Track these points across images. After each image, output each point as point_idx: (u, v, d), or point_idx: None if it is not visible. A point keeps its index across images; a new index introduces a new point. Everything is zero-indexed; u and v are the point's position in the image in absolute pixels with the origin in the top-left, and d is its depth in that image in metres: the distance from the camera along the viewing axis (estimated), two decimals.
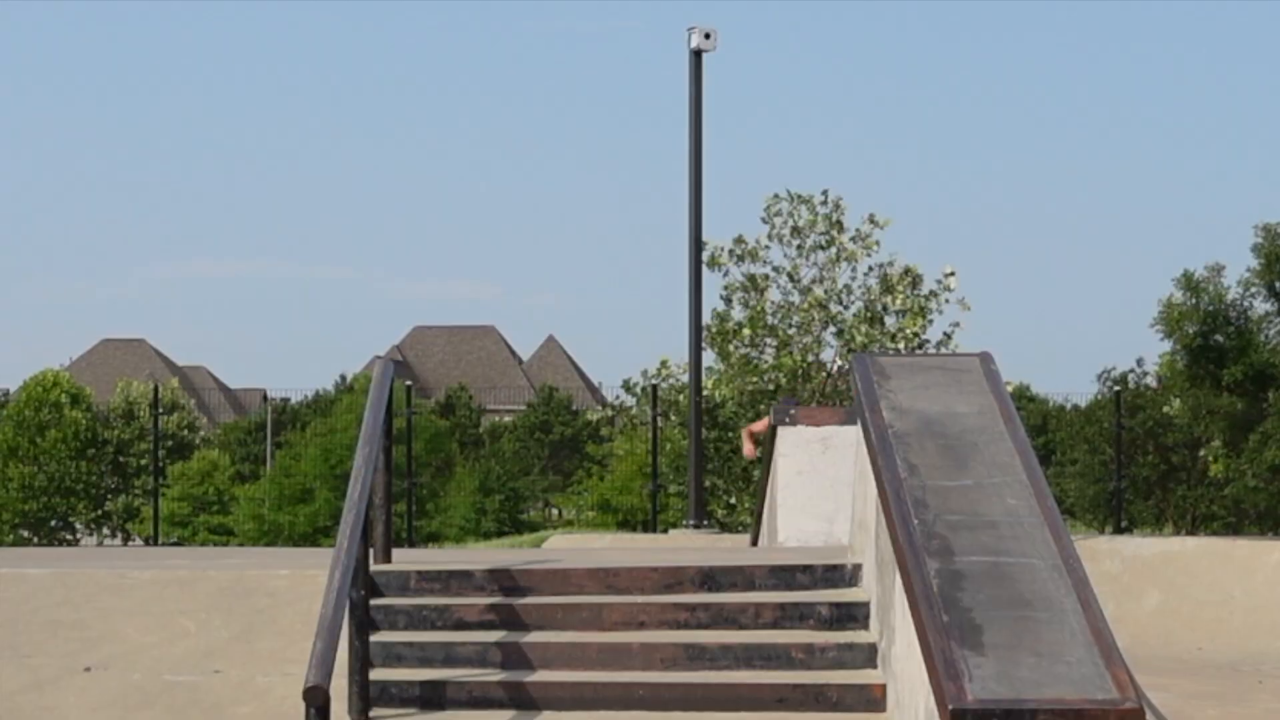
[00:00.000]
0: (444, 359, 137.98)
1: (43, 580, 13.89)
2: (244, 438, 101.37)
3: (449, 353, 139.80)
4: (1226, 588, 27.53)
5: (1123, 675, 9.62)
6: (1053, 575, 10.63)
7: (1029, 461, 12.04)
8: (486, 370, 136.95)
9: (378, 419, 12.85)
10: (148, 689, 12.16)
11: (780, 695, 11.79)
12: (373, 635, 12.09)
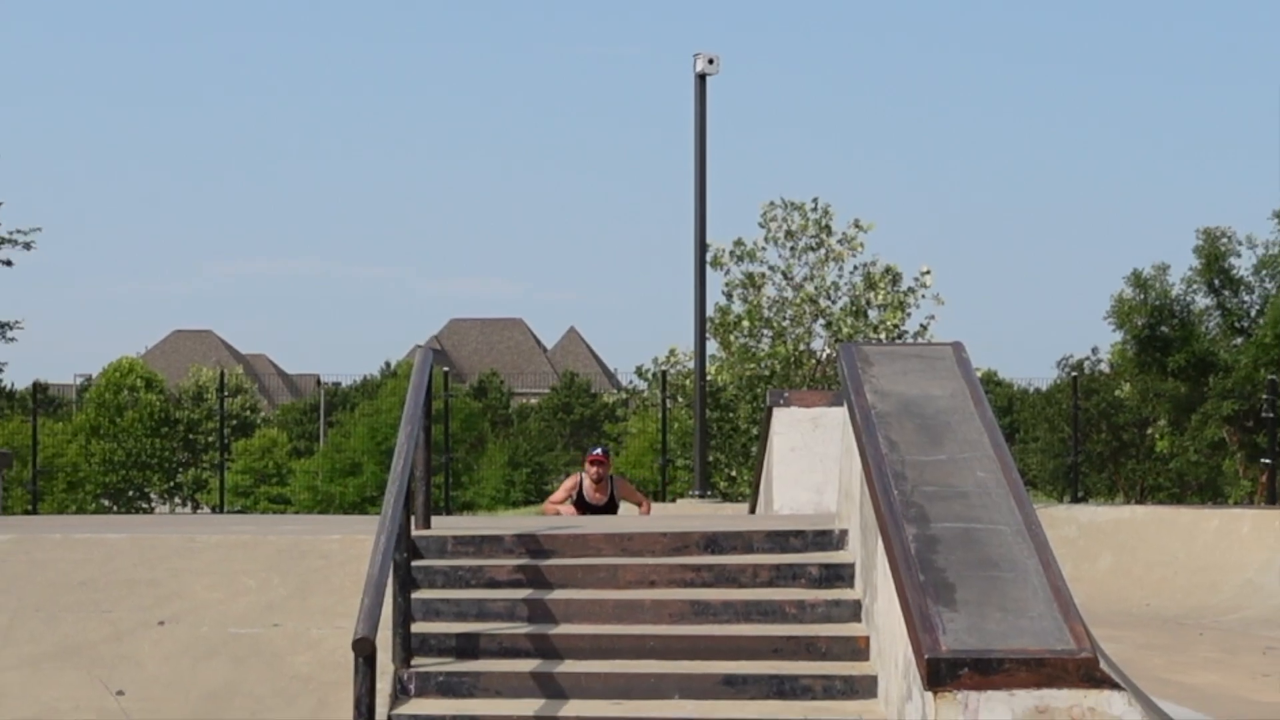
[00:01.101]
0: (477, 348, 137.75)
1: (121, 544, 13.88)
2: (300, 418, 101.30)
3: (481, 342, 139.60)
4: (1171, 551, 27.51)
5: (1079, 628, 9.60)
6: (1017, 539, 10.62)
7: (996, 439, 12.02)
8: (515, 358, 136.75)
9: (418, 401, 12.85)
10: (214, 640, 12.15)
11: (775, 646, 11.78)
12: (414, 593, 12.08)
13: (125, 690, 11.62)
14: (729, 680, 11.38)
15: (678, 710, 11.08)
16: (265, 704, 11.39)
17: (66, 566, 13.40)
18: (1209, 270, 48.88)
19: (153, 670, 11.82)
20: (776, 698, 11.28)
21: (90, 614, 12.58)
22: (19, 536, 14.25)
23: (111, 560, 13.48)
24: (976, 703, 9.21)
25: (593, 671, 11.47)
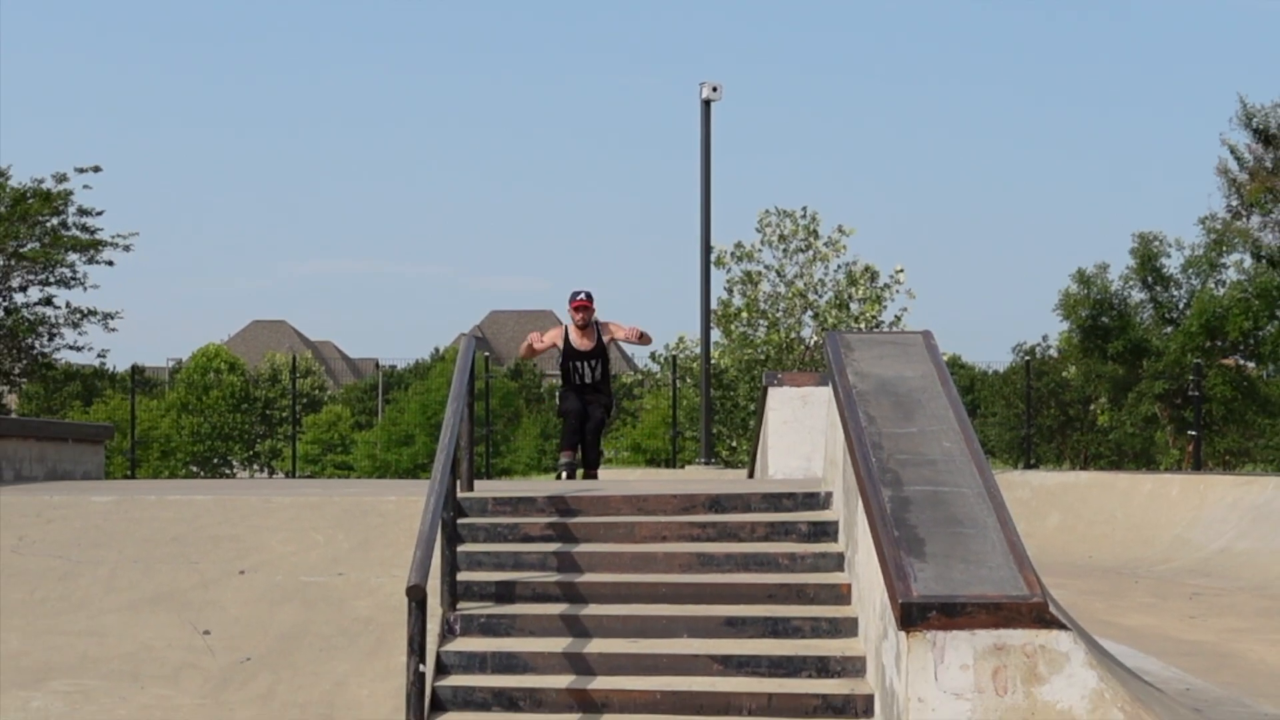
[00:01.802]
0: (513, 335, 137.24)
1: (207, 504, 13.88)
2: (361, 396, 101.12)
3: (517, 330, 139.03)
4: (1110, 510, 27.51)
5: (1031, 577, 9.59)
6: (978, 501, 10.60)
7: (960, 414, 12.01)
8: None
9: (463, 381, 12.85)
10: (287, 587, 12.16)
11: (770, 592, 11.77)
12: (459, 546, 12.08)
13: (211, 630, 11.63)
14: (730, 621, 11.38)
15: (686, 647, 11.07)
16: (331, 642, 11.40)
17: (160, 524, 13.41)
18: (1143, 269, 48.83)
19: (234, 613, 11.83)
20: (771, 636, 11.28)
21: (180, 565, 12.59)
22: (120, 498, 14.27)
23: (199, 518, 13.49)
24: (943, 641, 9.21)
25: (613, 614, 11.47)
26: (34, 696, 10.95)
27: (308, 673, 11.06)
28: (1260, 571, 21.77)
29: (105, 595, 12.19)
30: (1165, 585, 21.62)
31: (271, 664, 11.19)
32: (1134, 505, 27.39)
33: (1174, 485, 27.67)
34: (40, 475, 18.75)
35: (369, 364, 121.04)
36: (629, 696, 10.56)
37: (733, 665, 10.91)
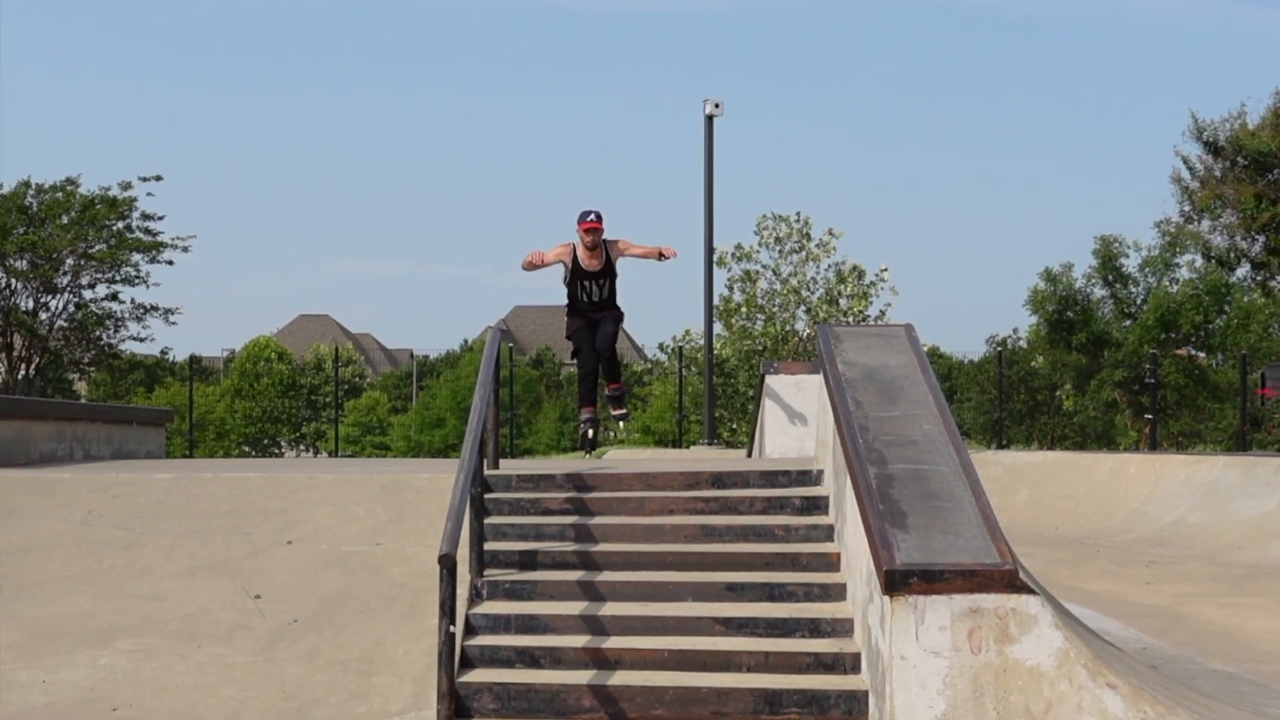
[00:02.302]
0: (535, 328, 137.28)
1: (258, 481, 13.89)
2: (397, 383, 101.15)
3: (539, 324, 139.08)
4: (1074, 486, 27.48)
5: (1003, 547, 9.58)
6: (955, 477, 10.59)
7: (938, 399, 12.00)
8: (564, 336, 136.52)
9: (489, 369, 12.85)
10: (330, 556, 12.16)
11: (767, 560, 11.76)
12: (486, 519, 12.07)
13: (261, 595, 11.64)
14: (731, 587, 11.37)
15: (691, 610, 11.07)
16: (370, 606, 11.41)
17: (215, 499, 13.42)
18: (1104, 268, 48.83)
19: (283, 579, 11.84)
20: (768, 600, 11.28)
21: (234, 536, 12.59)
22: (179, 476, 14.28)
23: (250, 494, 13.50)
24: (923, 604, 9.20)
25: (625, 580, 11.47)
26: (102, 655, 10.97)
27: (349, 633, 11.07)
28: (1210, 542, 21.76)
29: (166, 563, 12.20)
30: (1124, 554, 21.61)
31: (316, 625, 11.20)
32: (1096, 482, 27.39)
33: (1132, 464, 27.67)
34: (107, 455, 18.77)
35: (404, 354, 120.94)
36: (639, 655, 10.57)
37: (733, 626, 10.91)
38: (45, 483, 14.00)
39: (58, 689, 10.58)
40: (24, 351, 41.03)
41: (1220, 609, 16.37)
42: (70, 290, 41.30)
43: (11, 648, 11.11)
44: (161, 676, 10.68)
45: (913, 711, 9.03)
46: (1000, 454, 32.46)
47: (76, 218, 39.85)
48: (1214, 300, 47.26)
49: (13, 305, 40.39)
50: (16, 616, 11.52)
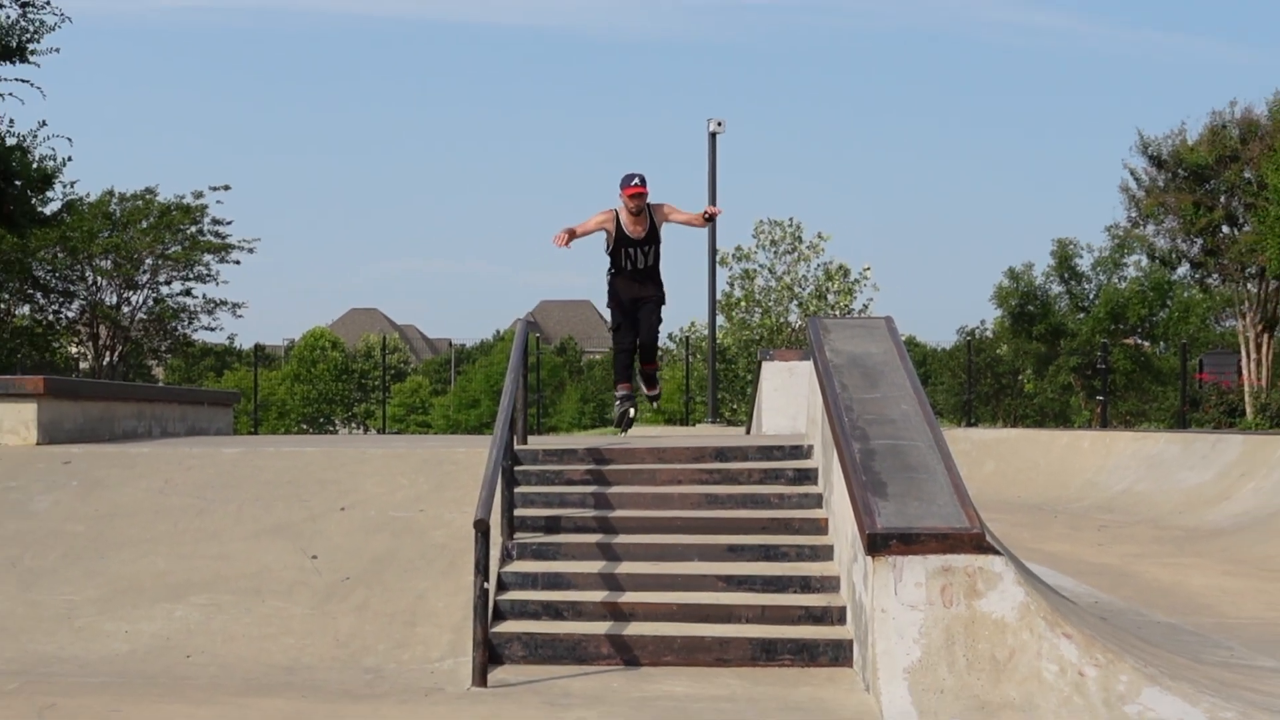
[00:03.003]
0: (560, 320, 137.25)
1: (315, 455, 13.89)
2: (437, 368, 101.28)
3: (562, 316, 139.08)
4: (1034, 459, 27.49)
5: (972, 513, 9.57)
6: (929, 452, 10.57)
7: (915, 383, 11.98)
8: (584, 326, 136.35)
9: (519, 356, 12.84)
10: (379, 520, 12.16)
11: (763, 525, 11.76)
12: (516, 488, 12.07)
13: (317, 555, 11.64)
14: (731, 548, 11.36)
15: (696, 569, 11.06)
16: (414, 564, 11.40)
17: (277, 470, 13.42)
18: (1061, 267, 48.96)
19: (337, 541, 11.84)
20: (764, 560, 11.27)
21: (293, 503, 12.60)
22: (245, 450, 14.28)
23: (308, 466, 13.50)
24: (901, 564, 9.19)
25: (638, 542, 11.47)
26: (177, 608, 10.97)
27: (395, 588, 11.06)
28: (1154, 508, 21.75)
29: (233, 527, 12.21)
30: (1078, 519, 21.59)
31: (366, 581, 11.20)
32: (1053, 456, 27.38)
33: (1085, 440, 27.67)
34: (182, 432, 18.78)
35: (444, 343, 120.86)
36: (651, 608, 10.56)
37: (734, 583, 10.90)
38: (128, 456, 14.01)
39: (138, 638, 10.59)
40: (109, 340, 41.12)
41: (1163, 568, 16.35)
42: (149, 287, 41.39)
43: (98, 601, 11.12)
44: (229, 627, 10.69)
45: (892, 659, 9.02)
46: (969, 431, 32.47)
47: (155, 223, 39.92)
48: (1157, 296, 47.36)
49: (99, 300, 40.52)
50: (102, 574, 11.53)
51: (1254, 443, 22.19)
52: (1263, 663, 10.55)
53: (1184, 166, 41.15)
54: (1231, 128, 40.91)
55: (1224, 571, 16.02)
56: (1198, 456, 23.15)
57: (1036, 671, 8.88)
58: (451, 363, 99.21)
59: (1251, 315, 41.20)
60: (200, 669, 10.05)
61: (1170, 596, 14.29)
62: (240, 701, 9.09)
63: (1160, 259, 44.48)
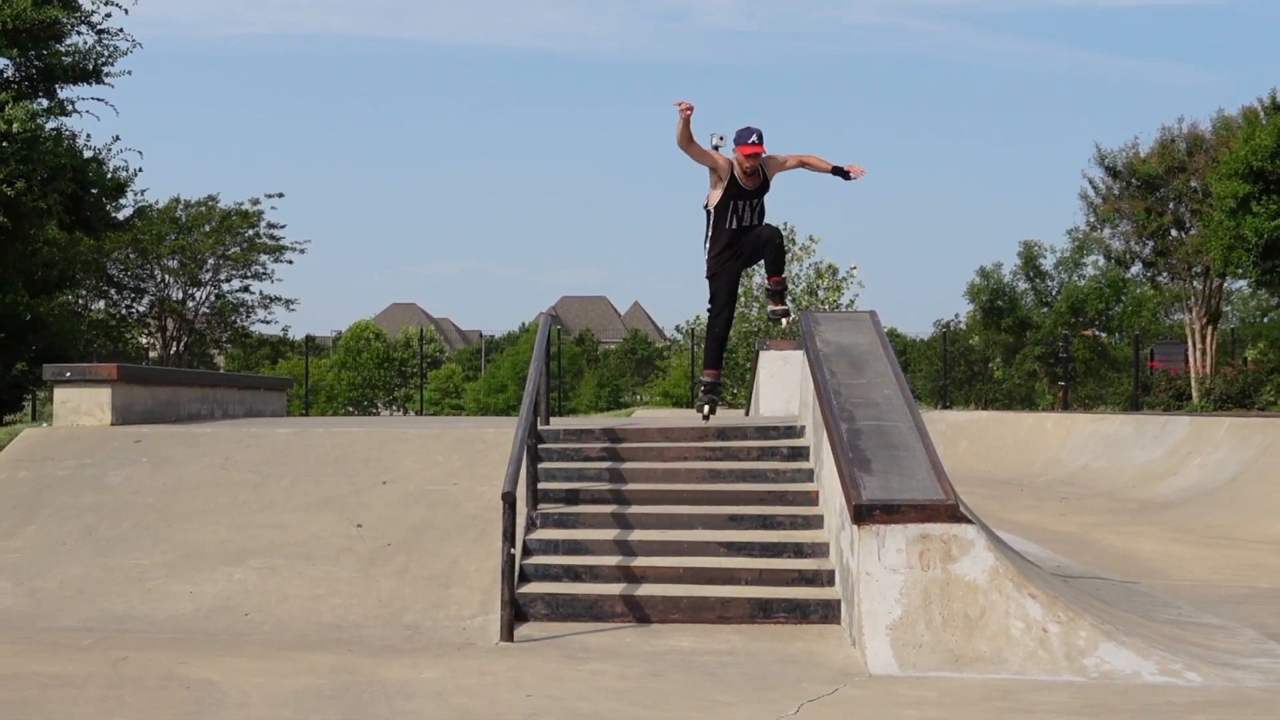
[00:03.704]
0: (578, 314, 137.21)
1: (360, 434, 13.89)
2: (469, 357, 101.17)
3: (581, 310, 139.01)
4: (1003, 438, 27.47)
5: (947, 486, 9.55)
6: (909, 432, 10.56)
7: (896, 370, 11.96)
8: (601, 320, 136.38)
9: (542, 346, 12.83)
10: (417, 493, 12.16)
11: (761, 497, 11.74)
12: (539, 464, 12.06)
13: (362, 524, 11.64)
14: (732, 518, 11.36)
15: (700, 536, 11.05)
16: (448, 533, 11.40)
17: (326, 449, 13.42)
18: (1027, 266, 48.83)
19: (379, 512, 11.84)
20: (761, 528, 11.26)
21: (340, 478, 12.60)
22: (297, 430, 14.29)
23: (354, 444, 13.50)
24: (884, 532, 9.18)
25: (648, 512, 11.46)
26: (236, 571, 10.99)
27: (431, 554, 11.07)
28: (1110, 482, 21.74)
29: (286, 499, 12.22)
30: (1042, 492, 21.58)
31: (405, 548, 11.20)
32: (1020, 435, 27.37)
33: (1049, 421, 27.67)
34: (241, 414, 18.79)
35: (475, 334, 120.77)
36: (660, 571, 10.56)
37: (734, 549, 10.89)
38: (192, 436, 14.03)
39: (201, 598, 10.61)
40: (175, 332, 41.21)
41: (1118, 536, 16.34)
42: (211, 284, 41.47)
43: (165, 565, 11.14)
44: (283, 588, 10.70)
45: (876, 617, 9.01)
46: (945, 413, 32.44)
47: (216, 227, 39.99)
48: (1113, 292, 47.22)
49: (167, 296, 40.61)
50: (169, 541, 11.55)
51: (1200, 424, 22.18)
52: (1207, 620, 10.55)
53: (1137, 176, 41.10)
54: (1179, 142, 40.87)
55: (1172, 539, 16.00)
56: (1149, 436, 23.13)
57: (1005, 628, 8.87)
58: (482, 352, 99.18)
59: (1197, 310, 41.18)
60: (257, 626, 10.07)
61: (1124, 561, 14.28)
62: (293, 656, 9.11)
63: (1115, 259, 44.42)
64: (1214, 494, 18.65)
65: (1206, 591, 12.30)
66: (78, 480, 12.84)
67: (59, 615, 10.38)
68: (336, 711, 7.51)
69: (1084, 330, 47.98)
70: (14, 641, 9.56)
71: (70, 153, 22.78)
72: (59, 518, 12.08)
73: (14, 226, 21.47)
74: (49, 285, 26.51)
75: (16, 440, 14.08)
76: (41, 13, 21.72)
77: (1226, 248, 29.58)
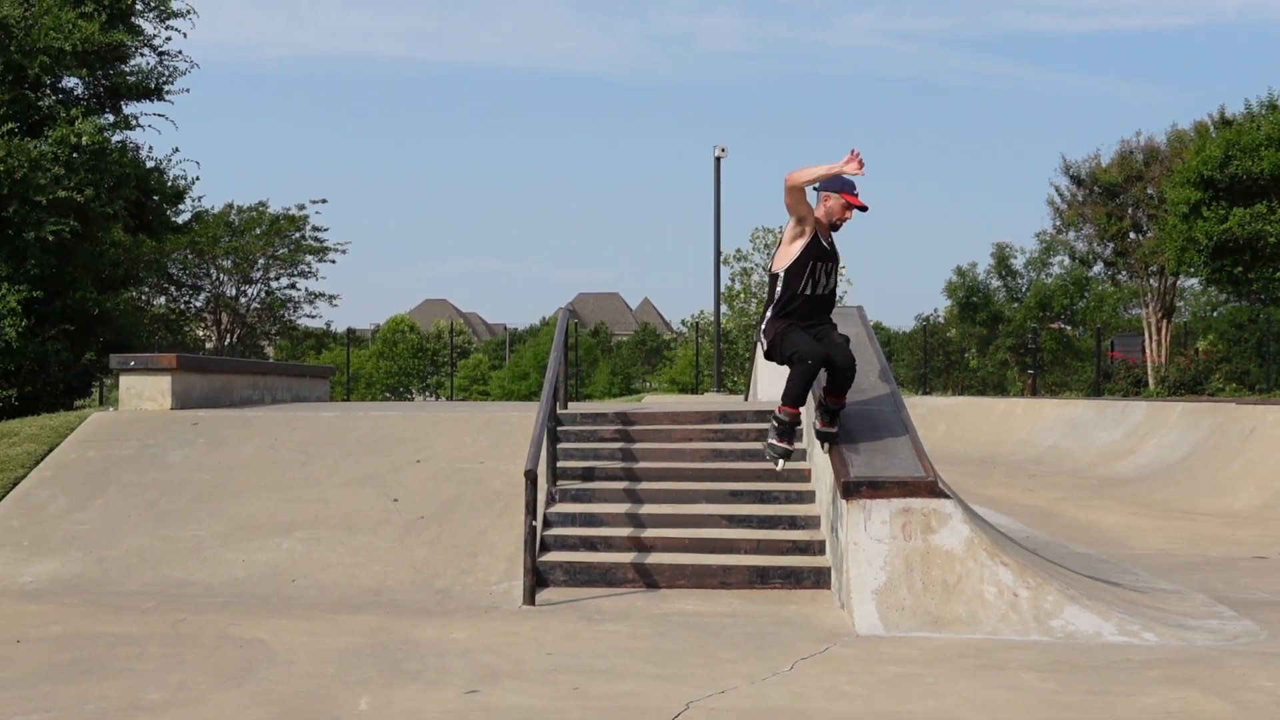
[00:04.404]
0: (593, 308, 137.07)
1: (396, 417, 13.89)
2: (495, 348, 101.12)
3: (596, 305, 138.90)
4: (977, 422, 27.42)
5: (927, 465, 9.53)
6: (893, 415, 10.53)
7: (881, 359, 11.94)
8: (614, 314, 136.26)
9: (561, 338, 12.81)
10: (448, 471, 12.16)
11: (758, 474, 11.72)
12: (558, 444, 12.06)
13: (398, 499, 11.64)
14: (733, 493, 11.34)
15: (704, 510, 11.04)
16: (476, 506, 11.40)
17: (365, 430, 13.43)
18: (999, 266, 48.83)
19: (414, 488, 11.84)
20: (759, 503, 11.24)
21: (378, 457, 12.60)
22: (339, 414, 14.29)
23: (390, 426, 13.50)
24: (870, 506, 9.16)
25: (657, 488, 11.44)
26: (284, 541, 10.99)
27: (460, 526, 11.06)
28: (1074, 461, 21.71)
29: (329, 476, 12.22)
30: (1013, 470, 21.54)
31: (437, 520, 11.20)
32: (993, 418, 27.31)
33: (1019, 405, 27.61)
34: (288, 399, 18.80)
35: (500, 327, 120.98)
36: (667, 541, 10.55)
37: (735, 521, 10.88)
38: (244, 419, 14.03)
39: (252, 565, 10.61)
40: (229, 325, 41.29)
41: (1081, 509, 16.31)
42: (261, 282, 41.58)
43: (220, 536, 11.15)
44: (327, 556, 10.70)
45: (862, 582, 9.00)
46: (925, 399, 32.37)
47: (266, 230, 40.08)
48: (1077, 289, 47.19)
49: (221, 292, 40.71)
50: (224, 514, 11.55)
51: (1155, 408, 22.15)
52: (1161, 585, 10.53)
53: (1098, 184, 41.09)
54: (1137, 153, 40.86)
55: (1131, 512, 15.97)
56: (1109, 419, 23.10)
57: (979, 593, 8.85)
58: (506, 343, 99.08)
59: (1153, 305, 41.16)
60: (302, 591, 10.07)
61: (1087, 532, 14.26)
62: (335, 617, 9.11)
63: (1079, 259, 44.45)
64: (1168, 471, 18.62)
65: (1161, 559, 12.28)
66: (141, 459, 12.85)
67: (124, 581, 10.40)
68: (375, 667, 7.52)
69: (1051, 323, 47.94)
70: (84, 604, 9.58)
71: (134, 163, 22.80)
72: (124, 493, 12.10)
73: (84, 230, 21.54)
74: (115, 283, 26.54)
75: (86, 423, 14.10)
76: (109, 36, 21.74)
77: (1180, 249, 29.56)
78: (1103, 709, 6.62)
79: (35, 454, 13.10)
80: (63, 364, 21.22)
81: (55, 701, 6.75)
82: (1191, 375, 34.21)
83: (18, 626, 8.77)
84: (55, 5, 21.29)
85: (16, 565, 10.78)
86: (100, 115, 22.76)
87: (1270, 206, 27.97)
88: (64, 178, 20.27)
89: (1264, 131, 28.51)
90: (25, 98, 21.49)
